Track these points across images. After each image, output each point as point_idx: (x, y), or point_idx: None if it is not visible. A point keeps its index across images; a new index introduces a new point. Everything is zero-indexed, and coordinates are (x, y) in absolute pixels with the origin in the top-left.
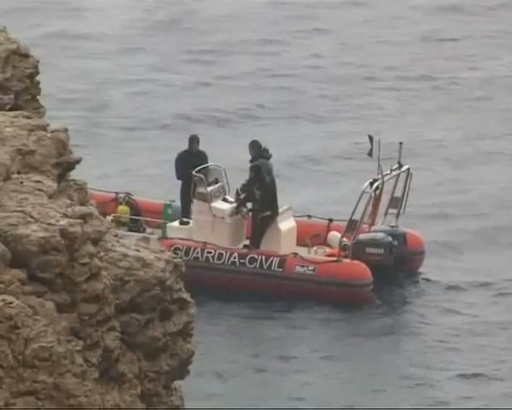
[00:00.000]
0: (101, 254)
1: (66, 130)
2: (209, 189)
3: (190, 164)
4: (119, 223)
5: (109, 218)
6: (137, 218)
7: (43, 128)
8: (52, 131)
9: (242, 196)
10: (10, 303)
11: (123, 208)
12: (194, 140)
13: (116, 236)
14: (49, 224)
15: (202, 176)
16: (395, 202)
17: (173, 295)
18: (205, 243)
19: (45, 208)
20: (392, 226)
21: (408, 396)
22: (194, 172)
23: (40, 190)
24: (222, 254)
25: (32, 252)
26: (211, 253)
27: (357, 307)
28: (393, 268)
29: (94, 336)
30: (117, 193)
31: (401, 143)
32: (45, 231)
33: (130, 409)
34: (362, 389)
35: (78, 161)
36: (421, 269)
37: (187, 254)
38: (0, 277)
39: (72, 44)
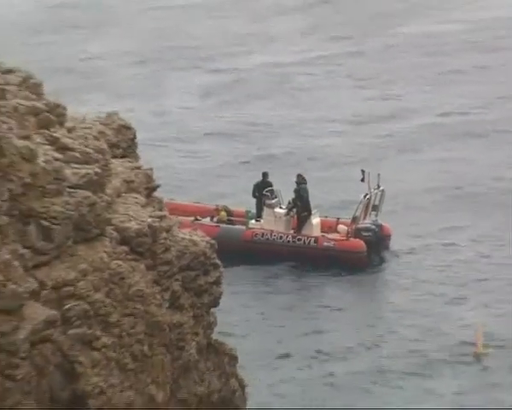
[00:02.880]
0: (171, 238)
1: (151, 169)
2: (272, 201)
3: (262, 188)
4: (221, 221)
5: (215, 219)
6: (231, 218)
7: (139, 168)
8: (144, 169)
9: (291, 205)
10: (120, 265)
11: (223, 213)
12: (265, 174)
13: (179, 227)
14: (142, 221)
15: (269, 194)
16: (375, 207)
17: (210, 261)
18: (271, 230)
19: (139, 213)
20: (374, 220)
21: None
22: (264, 192)
23: (137, 202)
24: (281, 236)
25: (132, 236)
26: (275, 235)
27: (356, 268)
28: (376, 244)
29: (166, 284)
30: (217, 205)
31: (379, 174)
32: (139, 225)
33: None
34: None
35: (158, 186)
36: (390, 245)
37: (262, 236)
38: (115, 250)
39: None
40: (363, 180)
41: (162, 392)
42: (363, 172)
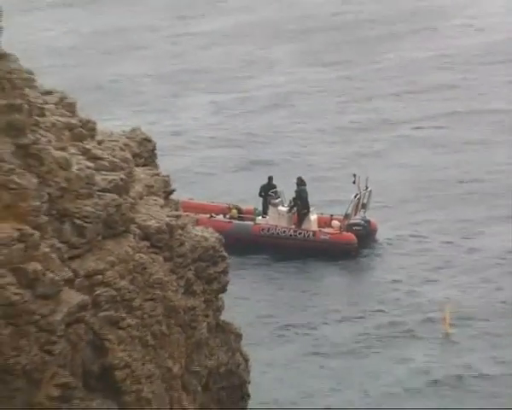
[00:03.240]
0: (185, 234)
1: (168, 175)
2: (276, 201)
3: (268, 189)
4: (233, 218)
5: (227, 216)
6: (241, 215)
7: (158, 175)
8: (162, 176)
9: (292, 204)
10: (142, 257)
11: (234, 211)
12: (270, 178)
13: (193, 224)
14: (161, 220)
15: (273, 194)
16: (364, 205)
17: (218, 254)
18: (276, 225)
19: (158, 212)
20: (363, 216)
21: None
22: (269, 193)
23: (156, 204)
24: (284, 230)
25: (152, 233)
26: (279, 230)
27: (347, 257)
28: (365, 237)
29: (182, 273)
30: (229, 204)
31: (367, 177)
32: (158, 223)
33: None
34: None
35: (174, 190)
36: (376, 237)
37: (268, 230)
38: (138, 245)
39: None
40: (354, 182)
41: (178, 365)
42: (354, 175)
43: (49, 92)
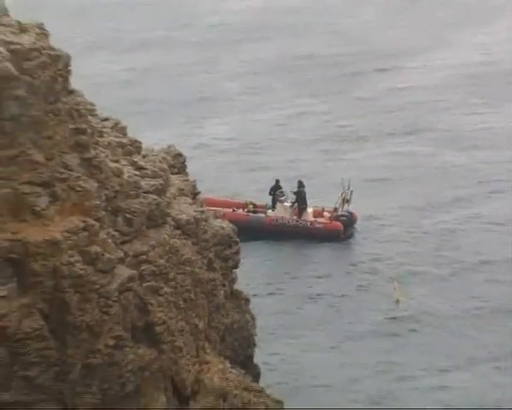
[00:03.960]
0: (208, 225)
1: (195, 180)
2: (282, 198)
3: (276, 189)
4: (249, 211)
5: (245, 210)
6: (256, 209)
7: (187, 181)
8: (191, 181)
9: (294, 201)
10: (176, 242)
11: (250, 206)
12: (278, 181)
13: (213, 217)
14: (189, 214)
15: (280, 193)
16: (348, 201)
17: (232, 239)
18: (282, 216)
19: (188, 209)
20: (347, 209)
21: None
22: (277, 192)
23: (186, 202)
24: (289, 220)
25: (183, 224)
26: (285, 220)
27: (336, 240)
28: (348, 225)
29: (205, 253)
30: (246, 200)
31: (349, 180)
32: (188, 217)
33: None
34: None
35: (199, 192)
36: (356, 225)
37: (276, 221)
38: (172, 233)
39: None
40: (342, 184)
41: (202, 322)
42: (342, 179)
43: (106, 119)
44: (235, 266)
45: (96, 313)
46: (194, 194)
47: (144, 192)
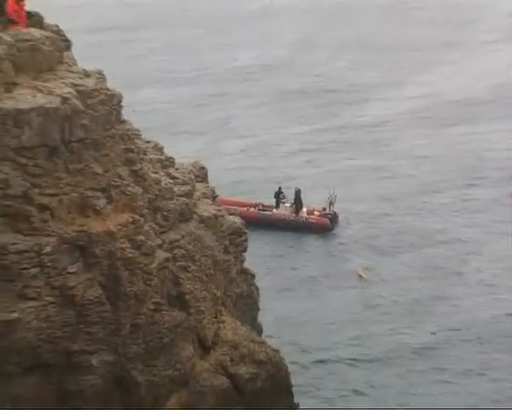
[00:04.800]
0: (223, 219)
1: (214, 187)
2: (284, 200)
3: (279, 194)
4: (260, 210)
5: (256, 209)
6: (265, 209)
7: (208, 187)
8: (211, 187)
9: (292, 202)
10: (200, 232)
11: (260, 206)
12: (280, 187)
13: (228, 214)
14: (210, 211)
15: (282, 196)
16: (332, 203)
17: (242, 230)
18: (284, 214)
19: (209, 208)
20: (332, 209)
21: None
22: (280, 196)
23: (207, 203)
24: (289, 217)
25: (205, 219)
26: (286, 216)
27: (325, 232)
28: (333, 221)
29: (221, 241)
30: (256, 202)
31: (334, 188)
32: (209, 214)
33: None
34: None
35: (217, 196)
36: (339, 221)
37: (279, 217)
38: (197, 226)
39: None
40: (329, 191)
41: (220, 292)
42: (330, 189)
43: (148, 142)
44: (244, 250)
45: (141, 284)
46: (214, 197)
47: (177, 196)
